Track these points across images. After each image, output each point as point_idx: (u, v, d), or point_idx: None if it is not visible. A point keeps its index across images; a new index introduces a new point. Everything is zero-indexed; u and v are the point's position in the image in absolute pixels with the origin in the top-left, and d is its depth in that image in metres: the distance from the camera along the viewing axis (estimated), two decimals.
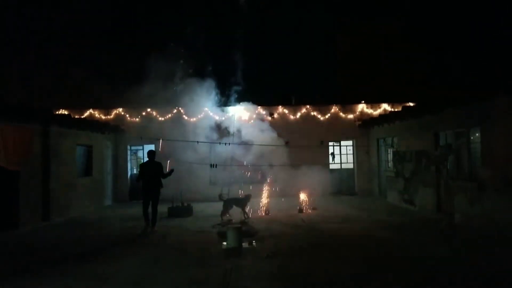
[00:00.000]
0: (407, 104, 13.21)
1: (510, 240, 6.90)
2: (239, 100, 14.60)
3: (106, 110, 15.13)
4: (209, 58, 14.13)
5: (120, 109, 15.14)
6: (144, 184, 9.04)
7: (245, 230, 7.80)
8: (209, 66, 13.82)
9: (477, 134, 8.47)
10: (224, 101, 14.50)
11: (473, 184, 8.08)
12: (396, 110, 13.89)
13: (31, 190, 9.72)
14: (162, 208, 10.30)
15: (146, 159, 9.73)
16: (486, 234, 7.48)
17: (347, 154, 16.01)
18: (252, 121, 14.76)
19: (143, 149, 15.89)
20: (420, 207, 10.43)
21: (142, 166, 9.40)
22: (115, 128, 14.31)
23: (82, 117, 14.53)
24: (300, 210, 11.05)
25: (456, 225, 8.40)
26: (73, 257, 6.75)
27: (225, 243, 7.17)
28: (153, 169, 9.08)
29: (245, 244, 7.13)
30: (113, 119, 14.95)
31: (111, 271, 5.82)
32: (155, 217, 9.04)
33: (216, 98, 14.12)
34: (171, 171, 9.47)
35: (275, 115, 15.23)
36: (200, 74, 13.62)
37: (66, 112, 14.08)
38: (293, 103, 16.13)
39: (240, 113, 14.88)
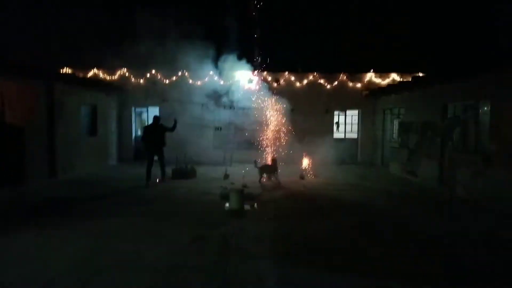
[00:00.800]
0: (417, 74, 12.94)
1: (509, 215, 6.95)
2: (245, 65, 14.34)
3: (110, 70, 14.96)
4: (216, 22, 13.75)
5: (125, 70, 14.96)
6: (148, 144, 9.80)
7: (247, 193, 7.90)
8: (216, 30, 13.48)
9: (485, 108, 8.33)
10: (229, 66, 14.24)
11: (478, 157, 8.03)
12: (405, 80, 13.63)
13: (37, 148, 9.80)
14: (166, 170, 10.43)
15: (150, 121, 10.10)
16: (487, 208, 7.53)
17: (352, 123, 15.92)
18: (257, 86, 14.58)
19: (147, 111, 15.87)
20: (422, 179, 10.47)
21: (146, 128, 10.12)
22: (119, 89, 14.22)
23: (86, 76, 14.40)
24: (302, 177, 11.13)
25: (457, 198, 8.46)
26: (78, 212, 6.91)
27: (227, 204, 7.28)
28: (156, 130, 9.82)
29: (247, 207, 7.24)
30: (117, 80, 14.81)
31: (115, 228, 5.95)
32: (163, 169, 10.04)
33: (221, 62, 13.88)
34: (175, 122, 10.16)
35: (281, 82, 15.02)
36: (206, 37, 13.32)
37: (70, 71, 13.97)
38: (300, 71, 15.86)
39: (245, 78, 14.68)
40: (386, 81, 14.99)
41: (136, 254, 4.82)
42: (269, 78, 14.82)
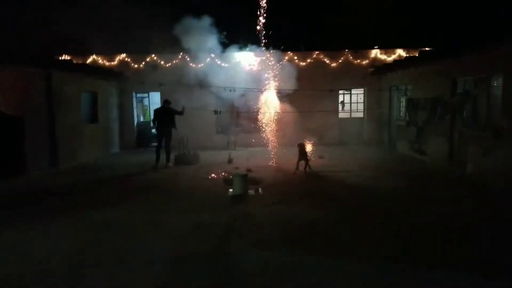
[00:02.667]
0: (424, 49, 12.48)
1: None
2: (246, 45, 13.95)
3: (110, 56, 14.66)
4: (216, 3, 13.31)
5: (124, 55, 14.66)
6: (158, 126, 10.26)
7: (250, 177, 7.72)
8: (216, 11, 13.05)
9: (495, 83, 7.96)
10: (230, 47, 13.86)
11: (488, 134, 7.72)
12: (411, 55, 13.17)
13: (37, 136, 9.65)
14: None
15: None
16: (496, 185, 7.28)
17: (357, 102, 15.56)
18: (259, 67, 14.23)
19: (148, 96, 15.63)
20: (431, 157, 10.19)
21: (156, 111, 10.49)
22: (119, 75, 13.95)
23: (85, 63, 14.14)
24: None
25: (467, 176, 8.20)
26: (81, 202, 6.79)
27: (231, 190, 7.11)
28: (165, 112, 10.24)
29: (250, 192, 7.06)
30: (117, 66, 14.53)
31: (117, 217, 5.82)
32: (168, 153, 10.26)
33: (223, 44, 13.51)
34: (183, 108, 10.55)
35: (285, 61, 14.60)
36: (206, 18, 12.94)
37: (68, 58, 13.71)
38: (303, 49, 15.43)
39: (247, 59, 14.34)
40: (392, 57, 14.50)
41: (137, 243, 4.68)
42: (272, 58, 14.43)
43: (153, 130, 13.76)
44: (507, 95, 7.34)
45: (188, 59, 14.39)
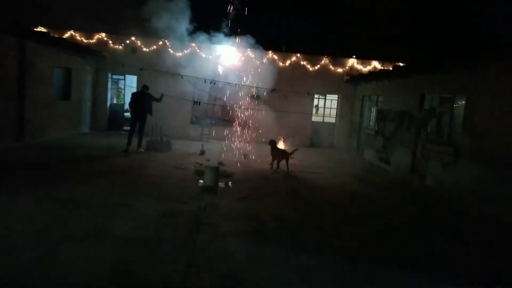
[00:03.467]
0: (398, 64, 13.05)
1: (473, 205, 7.24)
2: (229, 40, 14.02)
3: (88, 33, 14.30)
4: None
5: (103, 34, 14.34)
6: (134, 110, 10.10)
7: (222, 170, 7.86)
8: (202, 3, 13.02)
9: (460, 102, 8.52)
10: (212, 39, 13.88)
11: (449, 150, 8.26)
12: (385, 68, 13.74)
13: (5, 108, 9.34)
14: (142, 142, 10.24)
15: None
16: (453, 197, 7.82)
17: (331, 108, 16.04)
18: (239, 62, 14.36)
19: (124, 78, 15.40)
20: (395, 167, 10.73)
21: (134, 94, 10.29)
22: (96, 53, 13.64)
23: (62, 37, 13.71)
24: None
25: (426, 188, 8.74)
26: (46, 179, 6.68)
27: (201, 181, 7.22)
28: (143, 97, 10.13)
29: (221, 184, 7.21)
30: (95, 44, 14.20)
31: (85, 197, 5.80)
32: (141, 139, 10.26)
33: (205, 34, 13.50)
34: (162, 95, 10.63)
35: (264, 60, 14.81)
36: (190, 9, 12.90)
37: (45, 30, 13.26)
38: (284, 49, 15.69)
39: (228, 53, 14.42)
40: (368, 68, 15.07)
41: (103, 225, 4.72)
42: (253, 56, 14.58)
43: (127, 114, 13.61)
44: (468, 115, 7.88)
45: (169, 45, 14.28)
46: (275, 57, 14.97)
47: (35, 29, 13.09)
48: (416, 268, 4.29)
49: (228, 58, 14.37)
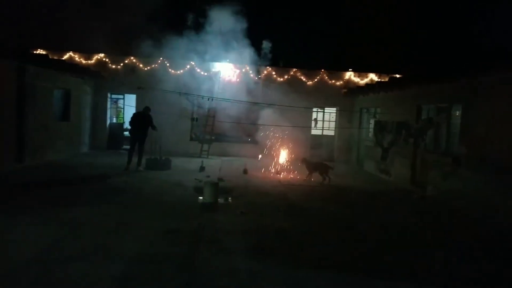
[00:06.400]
0: (394, 75, 13.18)
1: (474, 215, 7.20)
2: (226, 57, 14.18)
3: (87, 54, 14.48)
4: (199, 13, 13.51)
5: (102, 55, 14.52)
6: (134, 129, 10.34)
7: (221, 186, 7.85)
8: (200, 21, 13.28)
9: (457, 113, 8.57)
10: (210, 57, 14.05)
11: (448, 159, 8.27)
12: (382, 80, 13.85)
13: (5, 130, 9.39)
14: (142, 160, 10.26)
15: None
16: (454, 207, 7.78)
17: (329, 121, 16.09)
18: (238, 79, 14.50)
19: (123, 98, 15.49)
20: (395, 178, 10.71)
21: (135, 114, 10.60)
22: (95, 74, 13.78)
23: (61, 59, 13.88)
24: (278, 172, 11.16)
25: (426, 197, 8.70)
26: (45, 199, 6.67)
27: (201, 198, 7.21)
28: (143, 118, 10.36)
29: (221, 200, 7.19)
30: (94, 65, 14.36)
31: (86, 217, 5.80)
32: (141, 157, 10.38)
33: (203, 53, 13.68)
34: (155, 128, 10.58)
35: (262, 76, 14.93)
36: (188, 27, 13.15)
37: (44, 52, 13.43)
38: (281, 65, 15.84)
39: (226, 71, 14.57)
40: (365, 80, 15.19)
41: (105, 244, 4.71)
42: (251, 72, 14.73)
43: (126, 133, 13.66)
44: (464, 125, 7.92)
45: (167, 64, 14.45)
46: (273, 72, 15.09)
47: (34, 52, 13.27)
48: (415, 279, 4.26)
49: (226, 74, 14.52)
